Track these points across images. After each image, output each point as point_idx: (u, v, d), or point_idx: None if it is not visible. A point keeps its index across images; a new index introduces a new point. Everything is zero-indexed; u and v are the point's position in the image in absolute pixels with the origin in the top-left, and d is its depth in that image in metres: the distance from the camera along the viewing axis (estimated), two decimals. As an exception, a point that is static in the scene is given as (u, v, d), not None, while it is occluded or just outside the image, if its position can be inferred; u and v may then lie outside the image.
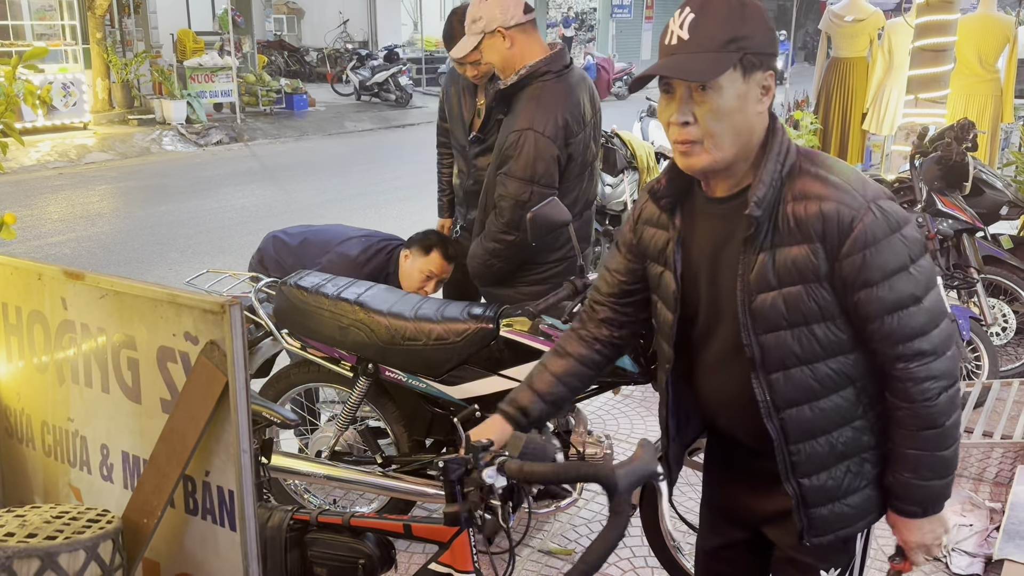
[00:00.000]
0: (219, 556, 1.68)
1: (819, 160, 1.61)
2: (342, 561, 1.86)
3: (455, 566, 1.73)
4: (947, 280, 4.50)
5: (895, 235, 1.54)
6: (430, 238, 3.40)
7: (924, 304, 1.56)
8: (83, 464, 1.87)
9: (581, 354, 1.90)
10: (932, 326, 1.57)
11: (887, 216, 1.54)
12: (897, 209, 1.57)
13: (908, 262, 1.55)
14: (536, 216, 2.64)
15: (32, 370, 1.93)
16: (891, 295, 1.54)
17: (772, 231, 1.57)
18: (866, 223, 1.52)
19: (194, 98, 14.14)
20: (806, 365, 1.62)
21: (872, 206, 1.53)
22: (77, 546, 1.53)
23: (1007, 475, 3.71)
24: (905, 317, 1.55)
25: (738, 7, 1.53)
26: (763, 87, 1.55)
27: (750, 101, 1.54)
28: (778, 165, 1.57)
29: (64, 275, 1.78)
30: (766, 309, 1.59)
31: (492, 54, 3.00)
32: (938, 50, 5.75)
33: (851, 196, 1.54)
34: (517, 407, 1.84)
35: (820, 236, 1.54)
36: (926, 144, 4.66)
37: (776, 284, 1.58)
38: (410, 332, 2.88)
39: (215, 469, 1.63)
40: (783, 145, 1.59)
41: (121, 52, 14.99)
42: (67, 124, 12.83)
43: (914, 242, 1.56)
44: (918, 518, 1.67)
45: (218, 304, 1.50)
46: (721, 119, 1.52)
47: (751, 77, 1.52)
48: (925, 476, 1.63)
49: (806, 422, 1.66)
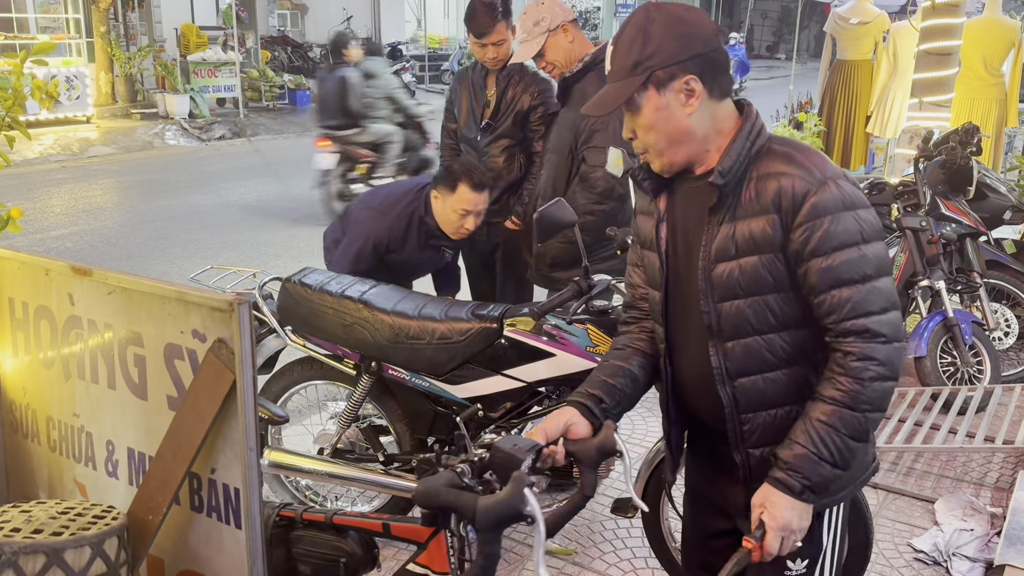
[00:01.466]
0: (223, 553, 1.68)
1: (789, 143, 1.68)
2: (324, 559, 1.86)
3: (432, 567, 1.73)
4: (950, 284, 4.50)
5: (848, 212, 1.58)
6: (453, 172, 3.23)
7: (876, 284, 1.58)
8: (88, 460, 1.87)
9: (643, 345, 1.91)
10: (881, 310, 1.58)
11: (843, 193, 1.58)
12: (856, 192, 1.61)
13: (859, 240, 1.58)
14: (543, 216, 2.65)
15: (38, 365, 1.93)
16: (838, 268, 1.57)
17: (736, 205, 1.65)
18: (820, 196, 1.57)
19: (197, 93, 14.14)
20: (760, 335, 1.67)
21: (830, 182, 1.58)
22: (83, 542, 1.54)
23: (1008, 480, 3.71)
24: (853, 294, 1.57)
25: (642, 31, 1.64)
26: (685, 92, 1.63)
27: (674, 109, 1.64)
28: (747, 144, 1.66)
29: (72, 271, 1.78)
30: (724, 278, 1.66)
31: (557, 51, 3.28)
32: (943, 54, 5.74)
33: (809, 171, 1.60)
34: (590, 397, 1.79)
35: (777, 207, 1.60)
36: (931, 148, 4.66)
37: (735, 254, 1.65)
38: (414, 330, 2.88)
39: (221, 467, 1.63)
40: (754, 128, 1.68)
41: (125, 46, 14.99)
42: (70, 117, 12.82)
43: (869, 224, 1.59)
44: (794, 496, 1.62)
45: (227, 302, 1.50)
46: (650, 132, 1.67)
47: (666, 89, 1.63)
48: (823, 455, 1.59)
49: (758, 393, 1.70)
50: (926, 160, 4.62)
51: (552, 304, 2.69)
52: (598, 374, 1.86)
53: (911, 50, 6.53)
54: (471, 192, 3.17)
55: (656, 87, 1.64)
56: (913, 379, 4.63)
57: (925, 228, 4.45)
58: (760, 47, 35.25)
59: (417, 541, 1.76)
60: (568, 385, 2.87)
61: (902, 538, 3.31)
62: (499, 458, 1.54)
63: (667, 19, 1.65)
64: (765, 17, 34.74)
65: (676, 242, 1.77)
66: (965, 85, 6.62)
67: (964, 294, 4.65)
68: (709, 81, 1.65)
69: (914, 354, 4.31)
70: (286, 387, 3.25)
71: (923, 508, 3.52)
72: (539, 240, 2.71)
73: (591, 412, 1.75)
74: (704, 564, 2.05)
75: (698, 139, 1.68)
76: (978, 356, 4.38)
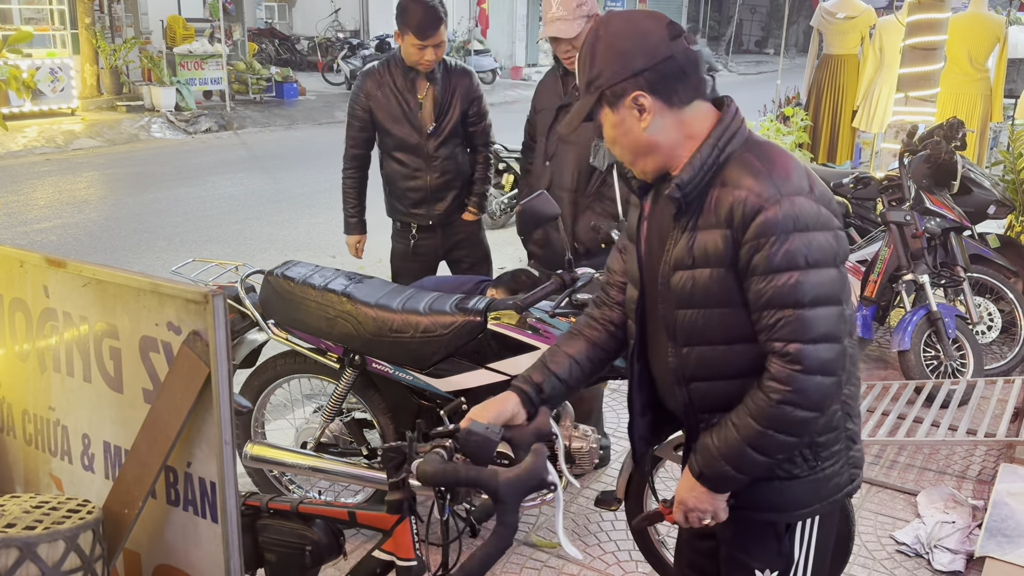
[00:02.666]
0: (200, 547, 1.67)
1: (762, 151, 1.64)
2: (290, 547, 1.89)
3: (397, 554, 1.77)
4: (934, 278, 4.51)
5: (798, 234, 1.54)
6: (519, 279, 3.26)
7: (809, 313, 1.54)
8: (64, 454, 1.85)
9: (596, 336, 1.93)
10: (811, 340, 1.55)
11: (797, 213, 1.54)
12: (814, 212, 1.56)
13: (801, 265, 1.54)
14: (525, 209, 2.64)
15: (13, 358, 1.91)
16: (772, 291, 1.55)
17: (699, 213, 1.64)
18: (768, 215, 1.54)
19: (183, 85, 14.04)
20: (712, 346, 1.67)
21: (784, 200, 1.55)
22: (56, 536, 1.52)
23: (990, 473, 3.73)
24: (784, 317, 1.55)
25: (590, 52, 1.67)
26: (637, 107, 1.64)
27: (629, 124, 1.66)
28: (714, 151, 1.63)
29: (46, 263, 1.76)
30: (680, 286, 1.66)
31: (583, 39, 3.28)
32: (929, 48, 5.76)
33: (766, 187, 1.56)
34: (531, 384, 1.84)
35: (729, 222, 1.59)
36: (916, 142, 4.67)
37: (691, 264, 1.65)
38: (397, 324, 2.87)
39: (197, 460, 1.62)
40: (726, 133, 1.64)
41: (110, 38, 14.87)
42: (54, 110, 12.72)
43: (819, 249, 1.55)
44: (694, 477, 1.72)
45: (201, 294, 1.49)
46: (614, 145, 1.72)
47: (619, 106, 1.65)
48: (721, 451, 1.66)
49: (711, 398, 1.72)
50: (911, 155, 4.64)
51: (536, 297, 2.68)
52: (545, 358, 1.90)
53: (897, 45, 6.55)
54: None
55: (609, 105, 1.66)
56: (897, 372, 4.65)
57: (910, 222, 4.47)
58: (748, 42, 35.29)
59: (382, 528, 1.80)
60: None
61: (884, 530, 3.32)
62: (474, 441, 1.63)
63: (611, 36, 1.65)
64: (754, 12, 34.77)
65: (652, 243, 1.77)
66: (950, 80, 6.64)
67: (948, 288, 4.67)
68: (666, 93, 1.63)
69: (898, 347, 4.33)
70: (269, 381, 3.23)
71: (905, 500, 3.53)
72: (522, 233, 2.69)
73: (530, 401, 1.81)
74: (692, 564, 2.08)
75: (664, 149, 1.67)
76: (961, 350, 4.40)
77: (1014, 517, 3.02)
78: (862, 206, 5.31)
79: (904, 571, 3.08)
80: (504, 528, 1.51)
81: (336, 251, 7.14)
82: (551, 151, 3.42)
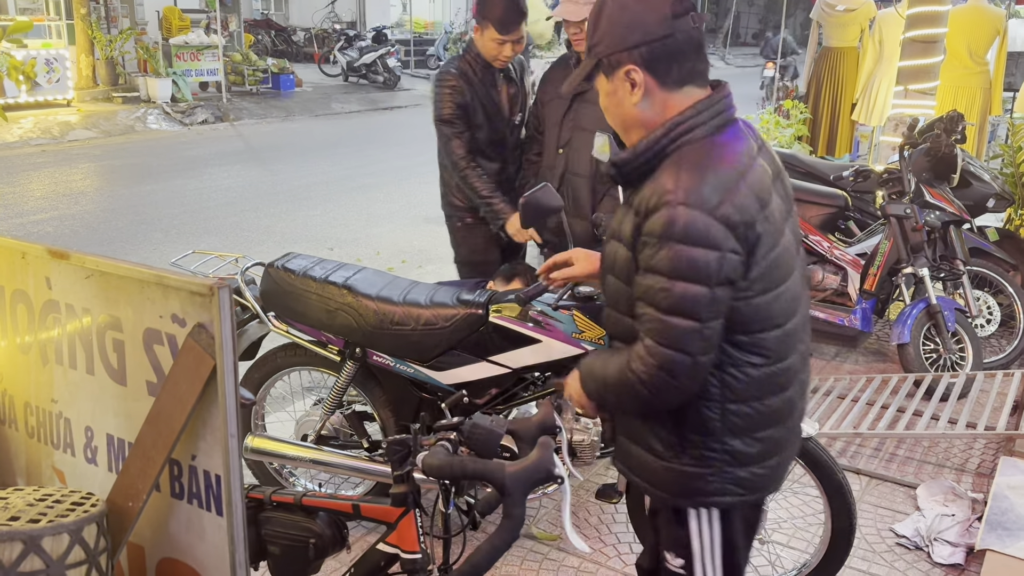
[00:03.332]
0: (204, 540, 1.67)
1: (703, 155, 1.63)
2: (294, 540, 1.90)
3: (402, 547, 1.78)
4: (933, 272, 4.52)
5: (673, 244, 1.57)
6: (516, 269, 3.29)
7: (663, 319, 1.60)
8: (67, 446, 1.84)
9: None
10: (662, 342, 1.61)
11: (681, 225, 1.56)
12: (700, 228, 1.56)
13: (668, 275, 1.58)
14: (529, 201, 2.62)
15: (15, 350, 1.90)
16: (642, 287, 1.64)
17: (637, 194, 1.70)
18: (660, 217, 1.59)
19: (179, 76, 13.98)
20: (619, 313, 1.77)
21: (679, 208, 1.57)
22: (61, 529, 1.51)
23: (989, 466, 3.74)
24: (647, 313, 1.63)
25: (595, 18, 1.72)
26: (629, 81, 1.68)
27: (621, 96, 1.70)
28: (663, 140, 1.66)
29: (49, 254, 1.75)
30: (609, 253, 1.77)
31: None
32: (929, 41, 5.75)
33: (673, 189, 1.59)
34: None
35: (639, 211, 1.66)
36: (916, 135, 4.66)
37: (618, 238, 1.73)
38: (398, 317, 2.86)
39: (201, 453, 1.61)
40: (683, 125, 1.65)
41: (106, 28, 14.79)
42: (50, 100, 12.66)
43: (687, 265, 1.56)
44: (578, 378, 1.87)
45: (206, 286, 1.48)
46: (607, 114, 1.78)
47: (613, 76, 1.70)
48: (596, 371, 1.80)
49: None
50: (911, 148, 4.63)
51: (538, 290, 2.67)
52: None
53: (897, 37, 6.53)
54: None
55: (604, 73, 1.72)
56: (896, 365, 4.66)
57: (909, 215, 4.46)
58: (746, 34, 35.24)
59: (387, 521, 1.81)
60: (554, 371, 2.86)
61: (884, 523, 3.33)
62: (479, 434, 1.65)
63: (616, 6, 1.67)
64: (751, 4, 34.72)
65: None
66: (950, 73, 6.63)
67: (947, 281, 4.67)
68: (659, 71, 1.66)
69: (897, 341, 4.33)
70: (269, 373, 3.22)
71: (905, 493, 3.54)
72: (525, 225, 2.68)
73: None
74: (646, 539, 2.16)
75: (648, 126, 1.70)
76: (960, 343, 4.41)
77: (1014, 510, 3.03)
78: (861, 199, 5.30)
79: (904, 564, 3.09)
80: (510, 521, 1.52)
81: (334, 243, 7.13)
82: (564, 139, 3.45)
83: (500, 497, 1.55)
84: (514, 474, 1.51)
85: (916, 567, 3.08)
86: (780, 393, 1.75)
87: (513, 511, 1.51)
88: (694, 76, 1.69)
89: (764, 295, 1.65)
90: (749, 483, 1.79)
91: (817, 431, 2.70)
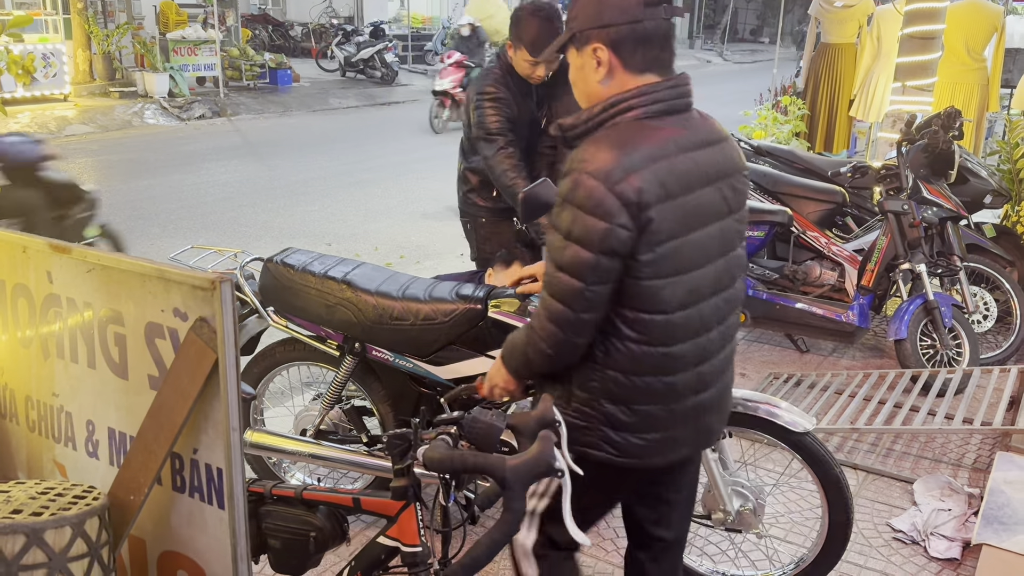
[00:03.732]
0: (206, 534, 1.67)
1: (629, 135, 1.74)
2: (294, 533, 1.92)
3: (402, 540, 1.80)
4: (931, 268, 4.53)
5: (570, 206, 1.72)
6: (514, 254, 3.36)
7: (556, 273, 1.76)
8: (68, 440, 1.85)
9: None
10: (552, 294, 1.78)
11: (581, 191, 1.70)
12: (595, 197, 1.68)
13: (564, 234, 1.74)
14: (528, 196, 2.63)
15: (16, 344, 1.90)
16: (547, 242, 1.81)
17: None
18: (567, 179, 1.74)
19: (176, 71, 13.94)
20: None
21: (582, 176, 1.70)
22: (63, 522, 1.52)
23: (986, 461, 3.75)
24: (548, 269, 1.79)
25: None
26: (596, 59, 1.78)
27: (588, 71, 1.81)
28: (603, 113, 1.78)
29: (50, 248, 1.75)
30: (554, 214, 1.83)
31: None
32: (927, 38, 5.75)
33: (585, 159, 1.72)
34: None
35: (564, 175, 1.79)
36: (913, 131, 4.67)
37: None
38: (397, 311, 2.86)
39: (203, 447, 1.62)
40: (624, 103, 1.76)
41: (102, 23, 14.75)
42: (47, 95, 12.61)
43: (582, 230, 1.70)
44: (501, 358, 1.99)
45: (208, 280, 1.48)
46: (574, 87, 1.88)
47: (583, 51, 1.80)
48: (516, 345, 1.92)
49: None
50: (909, 144, 4.64)
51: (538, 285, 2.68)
52: None
53: (895, 34, 6.54)
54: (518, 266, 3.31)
55: (575, 47, 1.82)
56: (893, 361, 4.67)
57: (907, 211, 4.48)
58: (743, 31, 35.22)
59: (387, 515, 1.82)
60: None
61: (881, 518, 3.35)
62: (480, 428, 1.65)
63: None
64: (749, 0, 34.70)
65: None
66: (948, 69, 6.64)
67: (944, 277, 4.68)
68: (624, 53, 1.75)
69: (894, 336, 4.35)
70: (268, 368, 3.23)
71: (902, 488, 3.56)
72: (524, 220, 2.69)
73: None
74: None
75: None
76: (957, 339, 4.42)
77: (1010, 505, 3.04)
78: (859, 195, 5.32)
79: (900, 558, 3.11)
80: (511, 514, 1.52)
81: (332, 239, 7.13)
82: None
83: (500, 491, 1.56)
84: (515, 468, 1.52)
85: (912, 561, 3.09)
86: (661, 376, 1.85)
87: (514, 505, 1.52)
88: (657, 64, 1.78)
89: (654, 280, 1.75)
90: (623, 448, 1.89)
91: (815, 426, 2.71)
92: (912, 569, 3.05)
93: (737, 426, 2.71)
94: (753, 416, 2.65)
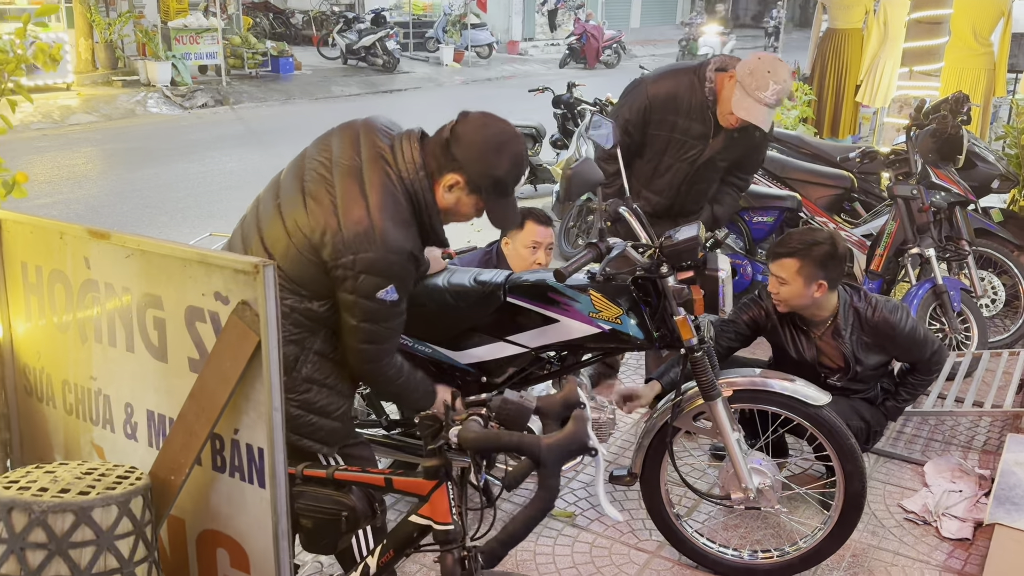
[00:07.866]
0: (246, 513, 1.71)
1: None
2: (326, 513, 1.93)
3: (434, 518, 1.81)
4: (939, 252, 4.55)
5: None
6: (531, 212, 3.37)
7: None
8: (106, 423, 1.88)
9: None
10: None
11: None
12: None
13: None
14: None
15: (53, 329, 1.93)
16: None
17: None
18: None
19: (179, 60, 13.92)
20: None
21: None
22: (110, 501, 1.55)
23: (996, 443, 3.79)
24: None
25: None
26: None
27: None
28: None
29: (88, 234, 1.78)
30: None
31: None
32: (933, 22, 5.76)
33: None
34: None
35: None
36: (922, 116, 4.69)
37: None
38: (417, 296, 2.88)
39: (244, 427, 1.65)
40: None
41: (104, 11, 14.71)
42: (50, 84, 12.60)
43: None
44: None
45: (251, 264, 1.51)
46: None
47: None
48: None
49: None
50: (918, 129, 4.65)
51: (577, 266, 2.69)
52: None
53: (902, 19, 6.53)
54: (536, 226, 3.35)
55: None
56: (902, 345, 4.70)
57: (916, 196, 4.49)
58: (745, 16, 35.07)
59: (419, 494, 1.84)
60: (571, 351, 2.89)
61: (892, 499, 3.39)
62: (510, 408, 1.68)
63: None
64: (750, -14, 34.54)
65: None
66: (954, 54, 6.64)
67: (953, 262, 4.70)
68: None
69: (904, 320, 4.37)
70: (288, 353, 3.25)
71: (913, 470, 3.60)
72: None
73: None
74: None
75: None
76: (966, 323, 4.45)
77: (1021, 485, 3.08)
78: (867, 180, 5.33)
79: (912, 538, 3.15)
80: (546, 491, 1.56)
81: (340, 226, 7.15)
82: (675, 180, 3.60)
83: (534, 468, 1.59)
84: (550, 446, 1.55)
85: (924, 541, 3.13)
86: None
87: (549, 482, 1.55)
88: None
89: None
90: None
91: (829, 399, 2.75)
92: (924, 549, 3.09)
93: (754, 403, 2.75)
94: (770, 392, 2.70)
